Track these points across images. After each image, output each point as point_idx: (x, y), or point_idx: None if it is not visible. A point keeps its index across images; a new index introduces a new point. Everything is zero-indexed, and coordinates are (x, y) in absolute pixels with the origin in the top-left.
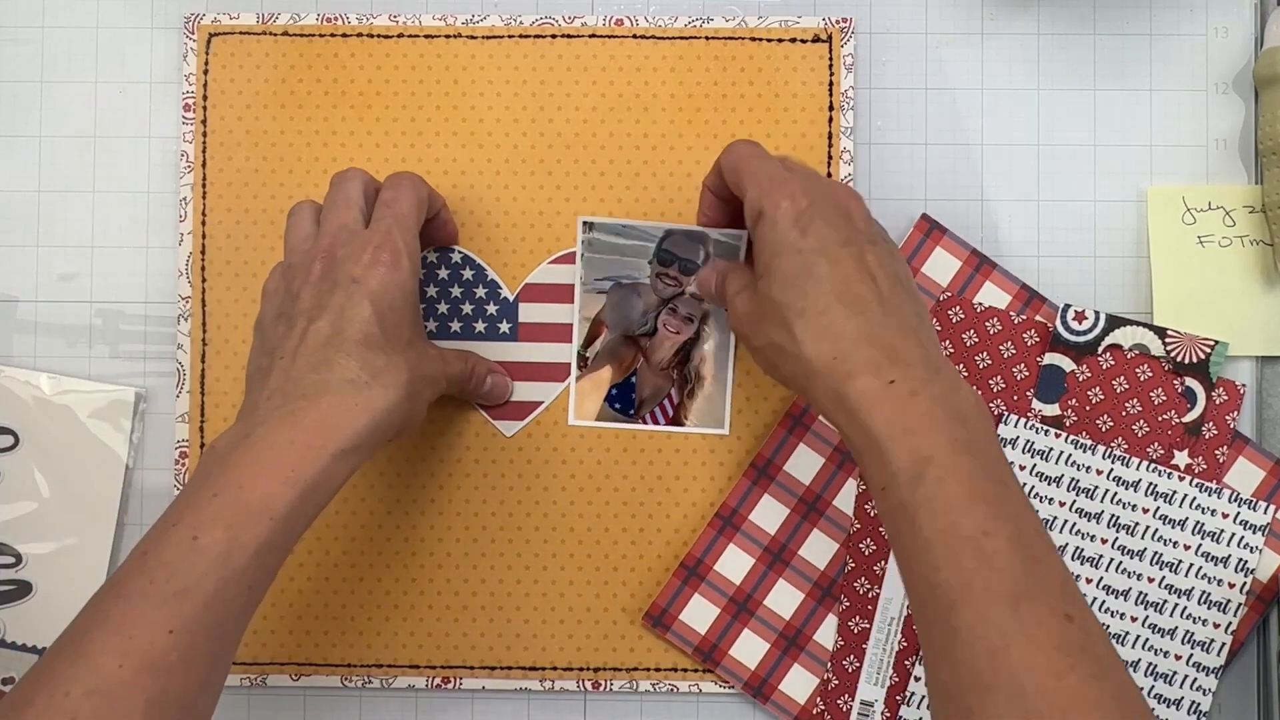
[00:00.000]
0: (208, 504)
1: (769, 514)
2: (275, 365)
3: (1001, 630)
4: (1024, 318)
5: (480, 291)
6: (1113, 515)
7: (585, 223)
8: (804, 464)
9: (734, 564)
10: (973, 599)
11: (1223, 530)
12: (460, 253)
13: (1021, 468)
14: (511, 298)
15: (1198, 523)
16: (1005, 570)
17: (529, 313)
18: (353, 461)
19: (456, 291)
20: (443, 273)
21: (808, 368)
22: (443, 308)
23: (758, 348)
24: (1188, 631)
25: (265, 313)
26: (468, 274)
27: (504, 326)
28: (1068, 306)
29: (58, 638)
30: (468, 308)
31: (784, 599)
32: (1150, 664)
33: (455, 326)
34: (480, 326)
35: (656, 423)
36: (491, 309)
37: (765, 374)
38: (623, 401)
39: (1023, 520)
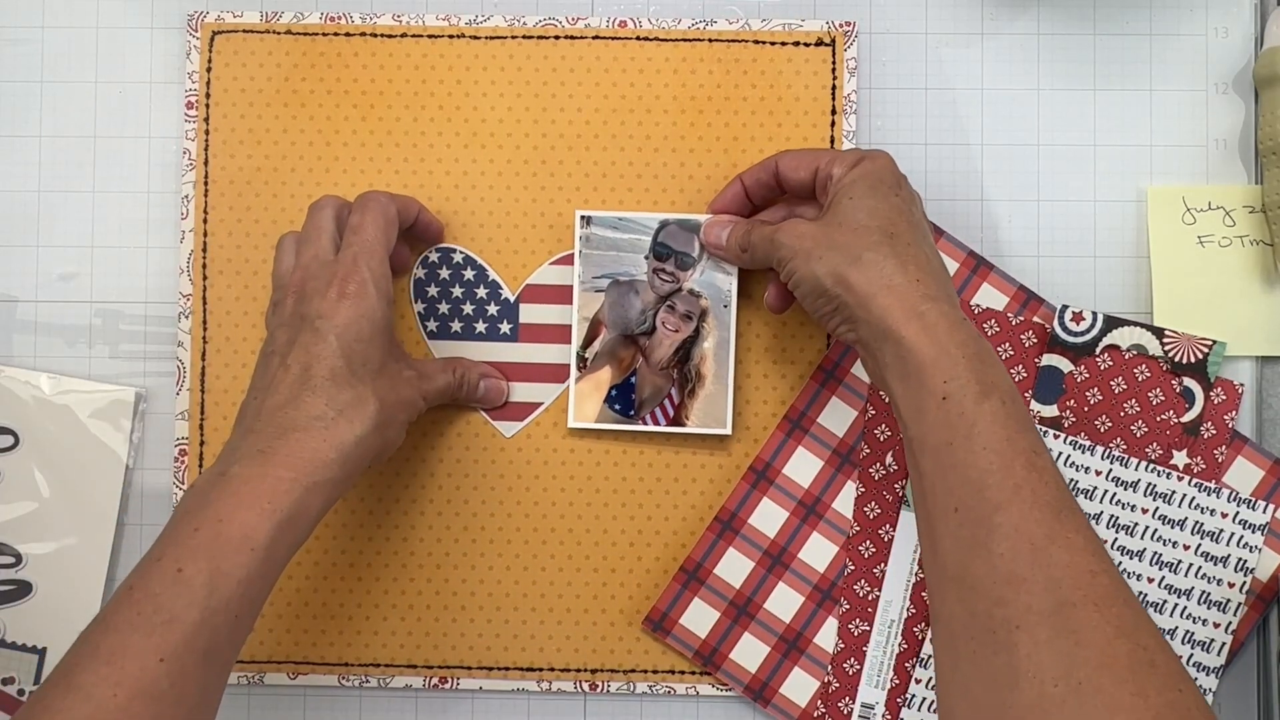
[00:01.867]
0: (190, 538)
1: (768, 517)
2: (251, 405)
3: (1046, 531)
4: (1022, 319)
5: (481, 292)
6: (1112, 516)
7: (583, 217)
8: (803, 467)
9: (734, 567)
10: (1020, 501)
11: (1222, 530)
12: (462, 253)
13: None
14: (512, 298)
15: (1197, 523)
16: (1052, 484)
17: (529, 313)
18: (327, 493)
19: (458, 291)
20: (444, 273)
21: (887, 281)
22: (444, 308)
23: (822, 258)
24: (1188, 631)
25: (261, 349)
26: (469, 274)
27: (504, 327)
28: (1065, 307)
29: (48, 675)
30: (469, 308)
31: (784, 602)
32: None
33: (456, 327)
34: (481, 327)
35: (657, 423)
36: (492, 309)
37: (804, 300)
38: (623, 402)
39: (1054, 459)
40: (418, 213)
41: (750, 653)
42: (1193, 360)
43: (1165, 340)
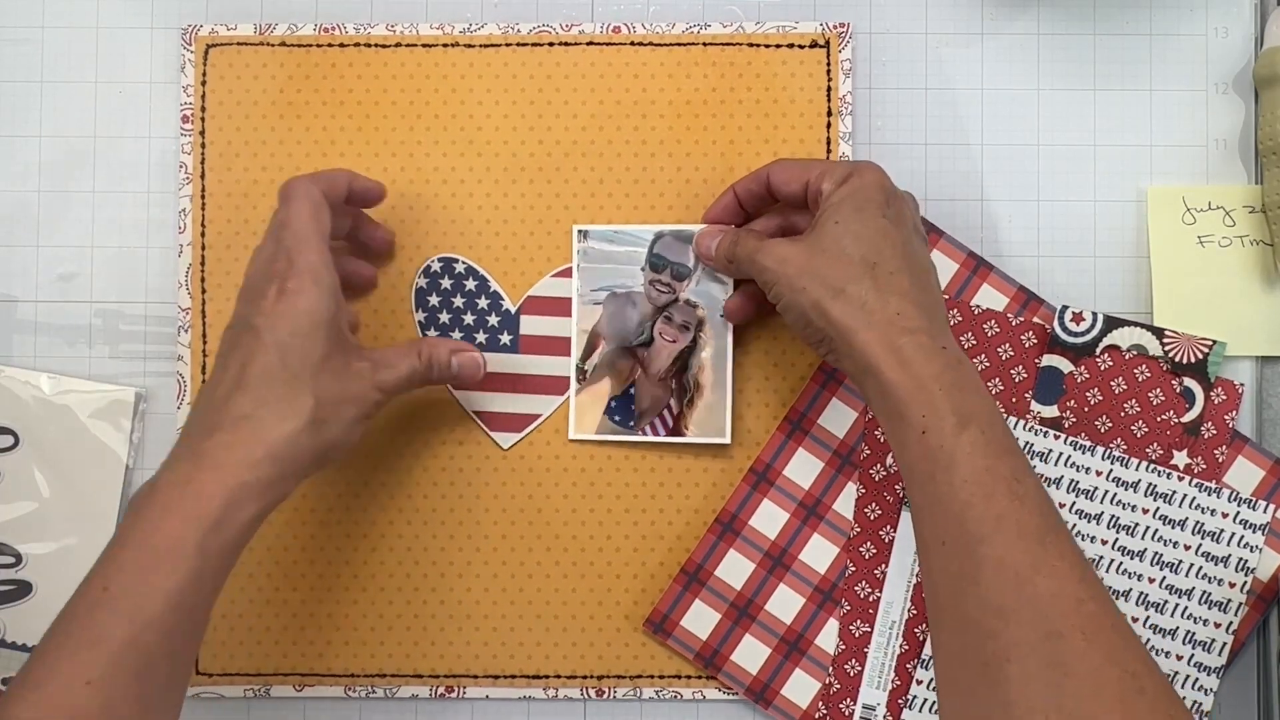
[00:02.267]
0: (118, 554)
1: (769, 518)
2: (192, 413)
3: (1031, 561)
4: (1022, 319)
5: (483, 303)
6: (1113, 516)
7: (580, 231)
8: (803, 468)
9: (734, 569)
10: (1004, 532)
11: (1223, 530)
12: (464, 263)
13: None
14: (513, 310)
15: (1198, 523)
16: (1035, 510)
17: (530, 325)
18: (260, 494)
19: (459, 301)
20: (446, 282)
21: (869, 315)
22: (444, 317)
23: (804, 288)
24: (1189, 632)
25: None
26: (471, 285)
27: (505, 338)
28: (1065, 308)
29: None
30: (469, 318)
31: (785, 603)
32: None
33: (456, 336)
34: (481, 337)
35: (656, 434)
36: (493, 320)
37: (793, 324)
38: (622, 414)
39: (1040, 481)
40: (348, 183)
41: (751, 654)
42: (1193, 360)
43: (1165, 340)
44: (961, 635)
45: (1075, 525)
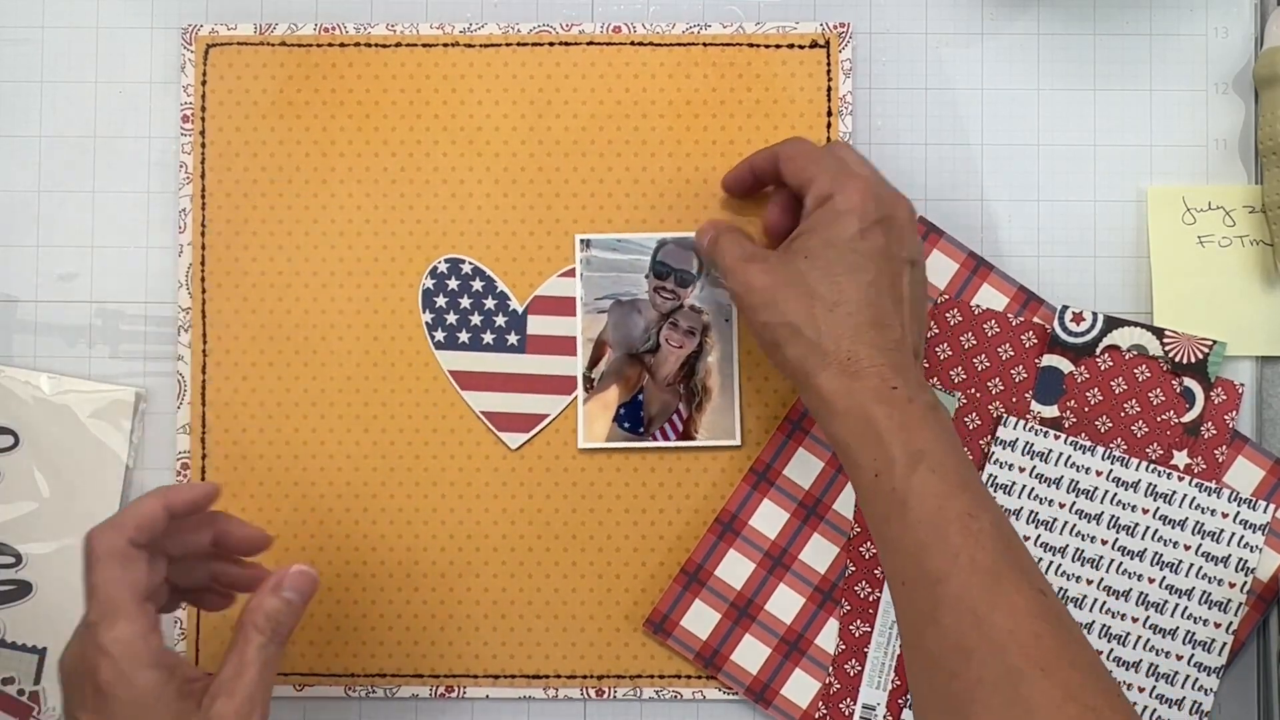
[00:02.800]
0: None
1: (769, 518)
2: None
3: (987, 598)
4: (1022, 319)
5: (489, 303)
6: (1113, 516)
7: (582, 240)
8: (804, 468)
9: (734, 569)
10: (959, 571)
11: (1223, 530)
12: (471, 264)
13: (1021, 470)
14: (520, 310)
15: (1198, 523)
16: (989, 547)
17: (537, 325)
18: None
19: (466, 302)
20: (452, 283)
21: (823, 358)
22: (451, 318)
23: (766, 323)
24: (1189, 631)
25: None
26: (477, 285)
27: (512, 338)
28: (1065, 308)
29: None
30: (476, 319)
31: (785, 603)
32: (1152, 664)
33: (463, 337)
34: (488, 338)
35: (666, 438)
36: (500, 320)
37: (762, 350)
38: (631, 420)
39: (998, 511)
40: (164, 508)
41: (751, 654)
42: (1193, 360)
43: (1165, 340)
44: (930, 674)
45: (1075, 526)
